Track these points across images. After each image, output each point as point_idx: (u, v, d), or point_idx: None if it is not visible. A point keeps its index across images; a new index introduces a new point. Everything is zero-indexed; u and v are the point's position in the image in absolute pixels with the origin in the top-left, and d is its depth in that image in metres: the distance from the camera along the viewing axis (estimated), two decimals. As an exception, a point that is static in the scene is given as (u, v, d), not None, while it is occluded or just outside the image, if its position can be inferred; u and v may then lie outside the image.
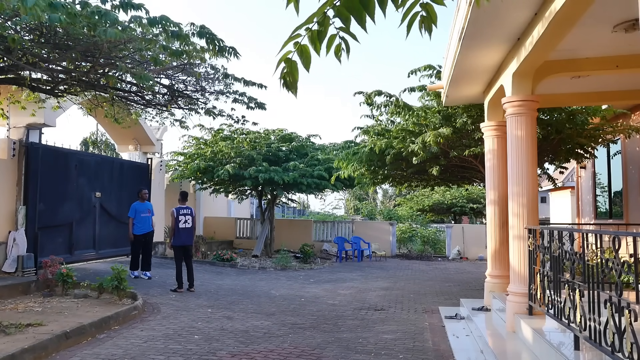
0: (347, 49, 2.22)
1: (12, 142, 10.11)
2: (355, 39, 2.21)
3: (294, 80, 2.27)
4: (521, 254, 5.72)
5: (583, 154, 10.32)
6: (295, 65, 2.24)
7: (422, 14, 2.17)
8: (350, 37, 2.19)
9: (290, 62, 2.23)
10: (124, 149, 15.47)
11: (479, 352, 5.68)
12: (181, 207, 9.92)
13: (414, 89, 9.57)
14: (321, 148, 16.50)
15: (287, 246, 17.51)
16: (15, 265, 9.60)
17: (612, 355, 3.35)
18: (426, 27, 2.19)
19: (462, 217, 29.08)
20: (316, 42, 2.16)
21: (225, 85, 9.61)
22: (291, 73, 2.25)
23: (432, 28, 2.19)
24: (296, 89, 2.30)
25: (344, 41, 2.20)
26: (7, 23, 6.12)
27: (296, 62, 2.23)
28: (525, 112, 5.77)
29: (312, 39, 2.16)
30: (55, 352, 5.48)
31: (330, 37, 2.18)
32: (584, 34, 5.40)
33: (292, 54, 2.22)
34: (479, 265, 16.09)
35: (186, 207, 9.96)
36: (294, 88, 2.29)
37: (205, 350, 5.72)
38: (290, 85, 2.27)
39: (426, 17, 2.17)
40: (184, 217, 9.78)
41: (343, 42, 2.20)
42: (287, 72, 2.25)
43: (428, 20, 2.17)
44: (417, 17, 2.18)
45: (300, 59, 2.21)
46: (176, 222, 9.75)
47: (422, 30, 2.19)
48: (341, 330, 6.86)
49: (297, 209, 46.82)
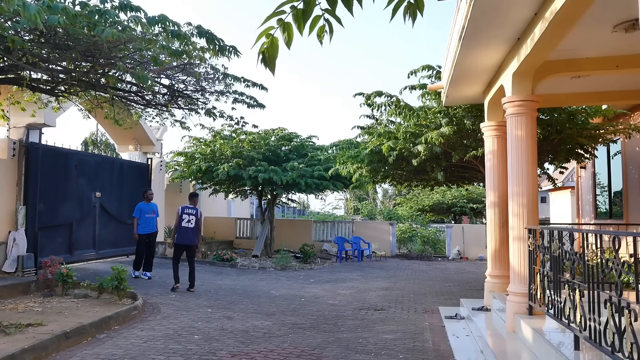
0: (331, 31, 2.19)
1: (12, 142, 10.11)
2: (339, 23, 2.19)
3: (272, 57, 2.22)
4: (521, 254, 5.72)
5: (583, 154, 10.32)
6: (277, 41, 2.20)
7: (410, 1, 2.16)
8: (335, 20, 2.17)
9: (272, 38, 2.20)
10: (124, 149, 15.48)
11: (479, 352, 5.68)
12: (188, 206, 9.90)
13: (415, 87, 9.56)
14: (321, 148, 16.50)
15: (287, 246, 17.51)
16: (15, 265, 9.61)
17: (612, 355, 3.35)
18: (411, 14, 2.18)
19: (462, 217, 29.08)
20: (300, 21, 2.14)
21: (225, 85, 9.61)
22: (271, 49, 2.21)
23: (416, 16, 2.18)
24: (274, 67, 2.26)
25: (328, 23, 2.18)
26: (7, 23, 6.12)
27: (277, 39, 2.20)
28: (525, 112, 5.77)
29: (296, 17, 2.13)
30: (55, 352, 5.48)
31: (315, 17, 2.16)
32: (584, 34, 5.40)
33: (274, 30, 2.18)
34: (479, 265, 16.09)
35: (193, 207, 9.91)
36: (272, 65, 2.25)
37: (205, 350, 5.72)
38: (268, 61, 2.23)
39: (412, 4, 2.16)
40: (187, 216, 9.74)
41: (327, 24, 2.18)
42: (268, 48, 2.21)
43: (414, 7, 2.16)
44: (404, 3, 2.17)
45: (283, 35, 2.18)
46: (179, 220, 9.76)
47: (406, 16, 2.18)
48: (341, 330, 6.86)
49: (297, 209, 46.82)
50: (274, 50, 2.22)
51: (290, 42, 2.18)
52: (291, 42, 2.19)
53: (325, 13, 2.16)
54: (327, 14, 2.16)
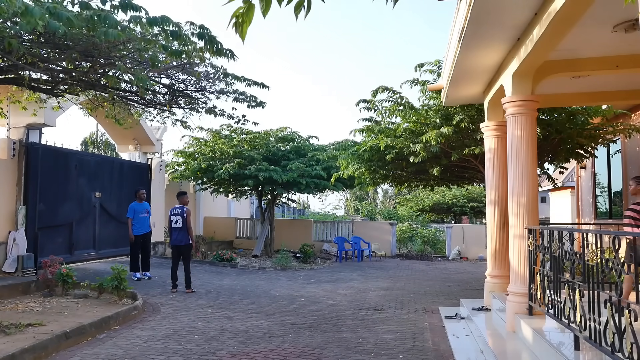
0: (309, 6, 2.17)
1: (12, 142, 10.11)
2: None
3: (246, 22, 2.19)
4: (521, 254, 5.72)
5: (583, 154, 10.32)
6: (253, 8, 2.17)
7: None
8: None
9: (249, 4, 2.17)
10: (124, 149, 15.47)
11: (479, 352, 5.68)
12: (175, 206, 9.97)
13: (417, 82, 9.55)
14: (320, 148, 16.50)
15: (287, 246, 17.51)
16: (15, 265, 9.61)
17: (612, 355, 3.35)
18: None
19: (462, 217, 29.10)
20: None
21: (225, 84, 9.61)
22: (246, 15, 2.18)
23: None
24: (244, 33, 2.22)
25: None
26: (7, 23, 6.12)
27: (254, 5, 2.17)
28: (525, 112, 5.77)
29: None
30: (55, 352, 5.48)
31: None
32: (584, 34, 5.40)
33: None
34: (479, 265, 16.09)
35: (179, 207, 9.94)
36: (243, 31, 2.21)
37: (205, 350, 5.72)
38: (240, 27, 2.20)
39: None
40: (174, 217, 9.81)
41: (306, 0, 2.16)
42: (243, 13, 2.18)
43: None
44: None
45: (260, 3, 2.15)
46: (169, 222, 9.92)
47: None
48: (341, 330, 6.86)
49: (297, 209, 46.79)
50: (249, 16, 2.18)
51: (267, 11, 2.16)
52: (267, 11, 2.16)
53: None
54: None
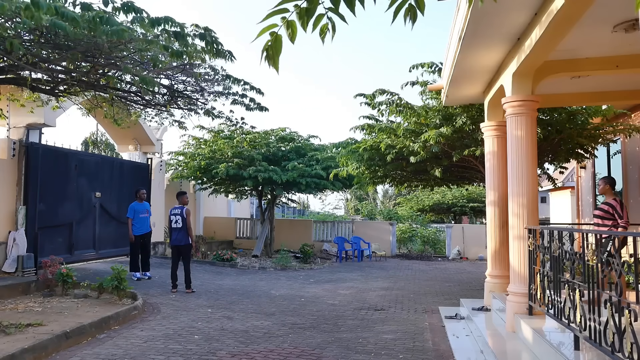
0: (333, 29, 2.23)
1: (12, 142, 10.11)
2: (343, 20, 2.22)
3: (276, 54, 2.25)
4: (521, 254, 5.72)
5: (583, 154, 10.32)
6: (280, 38, 2.23)
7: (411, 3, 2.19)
8: (339, 18, 2.21)
9: (276, 36, 2.22)
10: (124, 149, 15.47)
11: (479, 352, 5.68)
12: (175, 207, 9.99)
13: (416, 83, 9.52)
14: (320, 148, 16.50)
15: (287, 246, 17.51)
16: (15, 265, 9.60)
17: (612, 355, 3.36)
18: (411, 17, 2.21)
19: (462, 217, 29.09)
20: (304, 19, 2.17)
21: (224, 86, 9.61)
22: (275, 46, 2.23)
23: (416, 17, 2.22)
24: (278, 64, 2.28)
25: (330, 21, 2.22)
26: (8, 23, 6.12)
27: (281, 36, 2.22)
28: (525, 112, 5.77)
29: (300, 15, 2.17)
30: (55, 352, 5.48)
31: (318, 15, 2.19)
32: (584, 34, 5.40)
33: (278, 28, 2.20)
34: (479, 265, 16.08)
35: (179, 207, 9.95)
36: (276, 62, 2.27)
37: (205, 350, 5.72)
38: (271, 58, 2.25)
39: (413, 7, 2.19)
40: (174, 217, 9.84)
41: (330, 22, 2.22)
42: (271, 46, 2.23)
43: (414, 9, 2.19)
44: (405, 5, 2.20)
45: (287, 32, 2.20)
46: (169, 222, 9.94)
47: (407, 18, 2.22)
48: (341, 330, 6.86)
49: (297, 209, 46.76)
50: (277, 47, 2.25)
51: (294, 38, 2.23)
52: (295, 38, 2.23)
53: (328, 12, 2.20)
54: (331, 12, 2.20)
